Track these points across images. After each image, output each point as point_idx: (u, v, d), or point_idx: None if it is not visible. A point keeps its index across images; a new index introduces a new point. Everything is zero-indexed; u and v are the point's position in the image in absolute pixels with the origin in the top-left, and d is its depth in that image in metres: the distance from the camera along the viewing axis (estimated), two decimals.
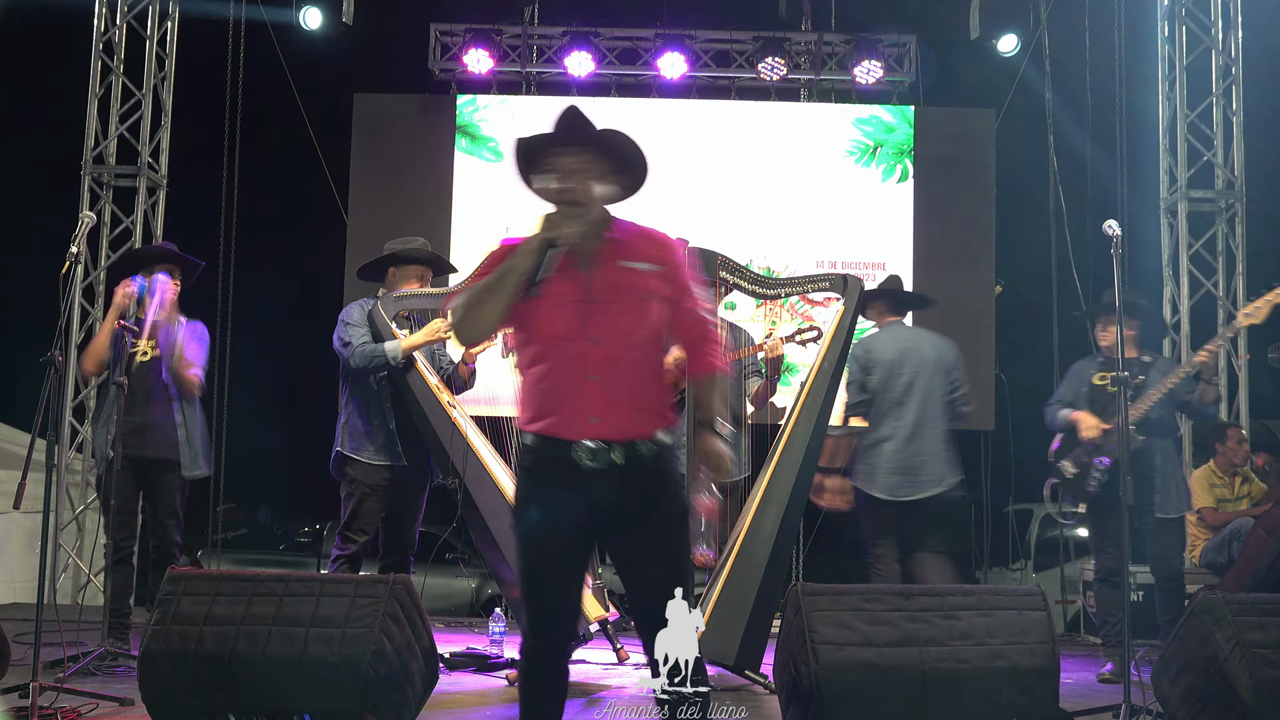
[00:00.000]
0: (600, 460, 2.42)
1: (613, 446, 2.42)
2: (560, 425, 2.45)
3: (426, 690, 3.42)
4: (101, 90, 7.65)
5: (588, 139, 2.49)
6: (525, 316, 2.48)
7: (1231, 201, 7.44)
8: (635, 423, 2.45)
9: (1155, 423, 4.85)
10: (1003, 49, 7.88)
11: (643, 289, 2.48)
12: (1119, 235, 3.76)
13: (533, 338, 2.49)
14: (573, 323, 2.44)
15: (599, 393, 2.42)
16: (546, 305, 2.45)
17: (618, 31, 8.32)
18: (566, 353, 2.44)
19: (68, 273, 3.77)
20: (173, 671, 3.15)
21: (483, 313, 2.46)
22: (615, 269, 2.47)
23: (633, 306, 2.47)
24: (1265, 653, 3.17)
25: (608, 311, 2.44)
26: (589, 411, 2.42)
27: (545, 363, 2.47)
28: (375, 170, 7.96)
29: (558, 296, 2.45)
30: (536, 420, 2.51)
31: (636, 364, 2.47)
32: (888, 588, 3.41)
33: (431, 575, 7.77)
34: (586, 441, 2.42)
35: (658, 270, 2.50)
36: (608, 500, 2.43)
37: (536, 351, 2.49)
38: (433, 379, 4.61)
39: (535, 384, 2.51)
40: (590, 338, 2.43)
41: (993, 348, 7.75)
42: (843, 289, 4.67)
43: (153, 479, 4.72)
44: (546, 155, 2.51)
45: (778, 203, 7.75)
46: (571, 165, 2.47)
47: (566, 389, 2.45)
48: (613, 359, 2.43)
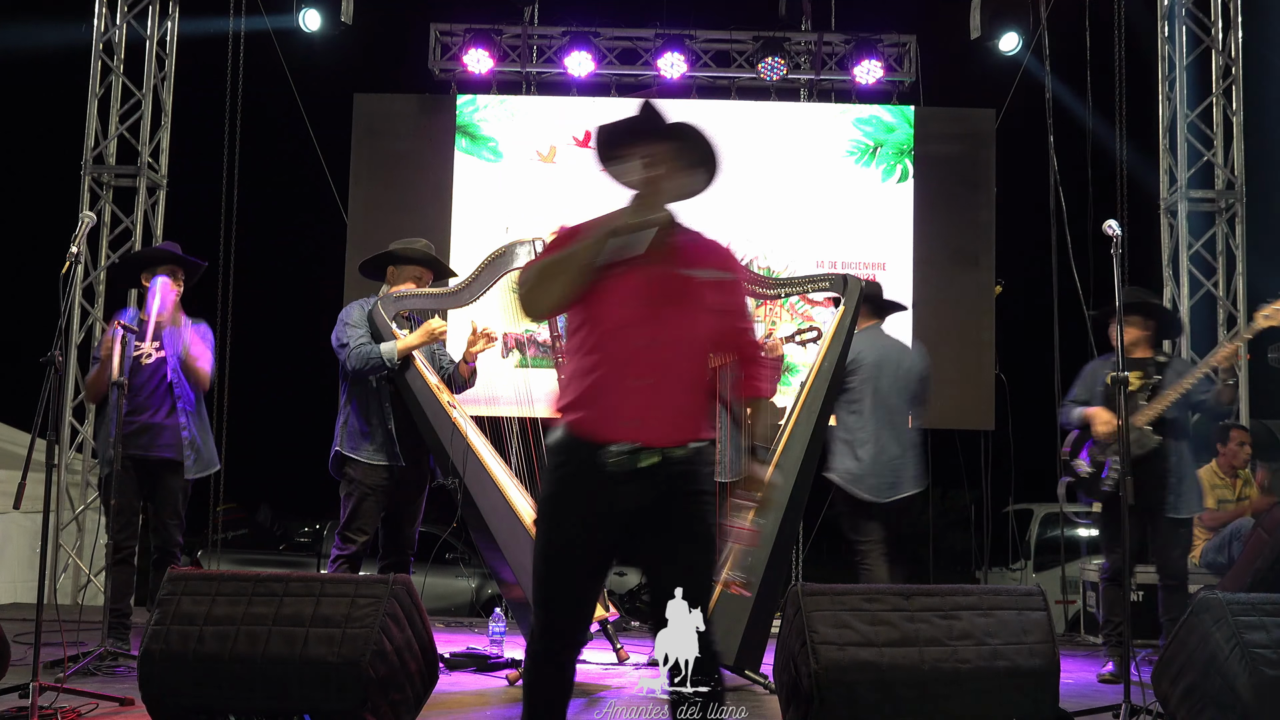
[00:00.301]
0: (628, 465, 2.35)
1: (644, 452, 2.36)
2: (595, 423, 2.39)
3: (426, 690, 3.42)
4: (101, 90, 7.65)
5: (671, 131, 2.45)
6: (587, 303, 2.43)
7: (1231, 201, 7.44)
8: (673, 432, 2.40)
9: (1170, 423, 4.86)
10: (1004, 47, 7.87)
11: (703, 298, 2.44)
12: (1119, 235, 3.76)
13: (588, 326, 2.44)
14: (630, 321, 2.39)
15: (642, 397, 2.36)
16: (608, 298, 2.40)
17: (618, 31, 8.32)
18: (618, 351, 2.39)
19: (68, 273, 3.77)
20: (173, 671, 3.16)
21: (549, 288, 2.39)
22: (679, 274, 2.44)
23: (691, 314, 2.43)
24: (1265, 653, 3.17)
25: (666, 316, 2.40)
26: (628, 415, 2.36)
27: (594, 355, 2.41)
28: (375, 170, 7.97)
29: (620, 292, 2.40)
30: (572, 411, 2.43)
31: (685, 373, 2.42)
32: (888, 588, 3.41)
33: (431, 575, 7.78)
34: (618, 445, 2.35)
35: (719, 282, 2.48)
36: (635, 505, 2.37)
37: (588, 341, 2.44)
38: (432, 379, 4.61)
39: (580, 374, 2.44)
40: (648, 340, 2.38)
41: (993, 348, 7.75)
42: (843, 289, 4.67)
43: (156, 479, 4.73)
44: (626, 144, 2.47)
45: (778, 203, 7.75)
46: (652, 156, 2.43)
47: (610, 387, 2.39)
48: (662, 364, 2.39)
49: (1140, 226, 7.75)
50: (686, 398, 2.42)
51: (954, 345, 7.73)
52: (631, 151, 2.45)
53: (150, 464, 4.70)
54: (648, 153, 2.44)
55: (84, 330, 7.52)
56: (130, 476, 4.64)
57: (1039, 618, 3.34)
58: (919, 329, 7.70)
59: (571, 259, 2.37)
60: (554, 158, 7.84)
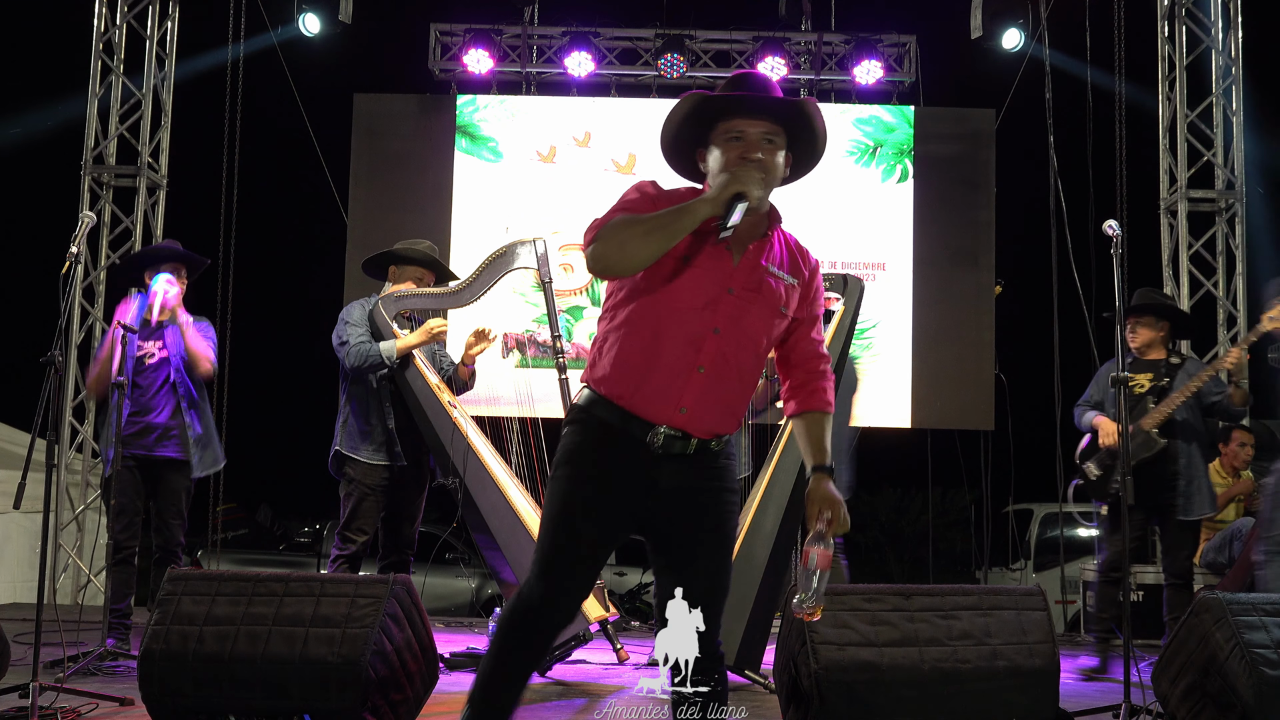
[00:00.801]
0: (674, 448, 2.25)
1: (689, 439, 2.26)
2: (645, 404, 2.25)
3: (427, 690, 3.42)
4: (101, 90, 7.65)
5: (785, 110, 2.31)
6: (658, 272, 2.26)
7: (1231, 201, 7.44)
8: (719, 425, 2.29)
9: (1180, 425, 4.86)
10: (1006, 44, 7.86)
11: (780, 299, 2.33)
12: (1119, 235, 3.76)
13: (646, 298, 2.27)
14: (704, 304, 2.25)
15: (700, 386, 2.25)
16: (680, 274, 2.25)
17: (618, 31, 8.33)
18: (683, 333, 2.25)
19: (68, 273, 3.77)
20: (173, 671, 3.15)
21: (642, 243, 2.19)
22: (762, 268, 2.31)
23: (766, 312, 2.31)
24: (1265, 653, 3.17)
25: (741, 308, 2.27)
26: (681, 401, 2.24)
27: (655, 331, 2.26)
28: (375, 170, 7.97)
29: (700, 270, 2.26)
30: (619, 386, 2.27)
31: (744, 370, 2.31)
32: (888, 588, 3.41)
33: (431, 575, 7.79)
34: (666, 429, 2.24)
35: (798, 286, 2.37)
36: (667, 485, 2.26)
37: (646, 315, 2.27)
38: (433, 378, 4.61)
39: (633, 348, 2.27)
40: (714, 327, 2.25)
41: (993, 348, 7.76)
42: (843, 289, 4.67)
43: (159, 479, 4.74)
44: (730, 118, 2.31)
45: (778, 203, 7.73)
46: (760, 134, 2.29)
47: (667, 369, 2.25)
48: (726, 357, 2.26)
49: (1140, 226, 7.75)
50: (739, 395, 2.32)
51: (954, 345, 7.74)
52: (746, 127, 2.29)
53: (153, 463, 4.71)
54: (770, 130, 2.29)
55: (84, 330, 7.52)
56: (133, 476, 4.65)
57: (1039, 618, 3.33)
58: (919, 329, 7.71)
59: (686, 217, 2.20)
60: (554, 158, 7.84)
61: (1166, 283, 7.50)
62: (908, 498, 25.87)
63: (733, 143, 2.30)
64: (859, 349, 7.50)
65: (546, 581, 2.25)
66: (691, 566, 2.28)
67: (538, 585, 2.26)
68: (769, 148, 2.30)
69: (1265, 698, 3.10)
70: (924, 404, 7.71)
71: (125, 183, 7.68)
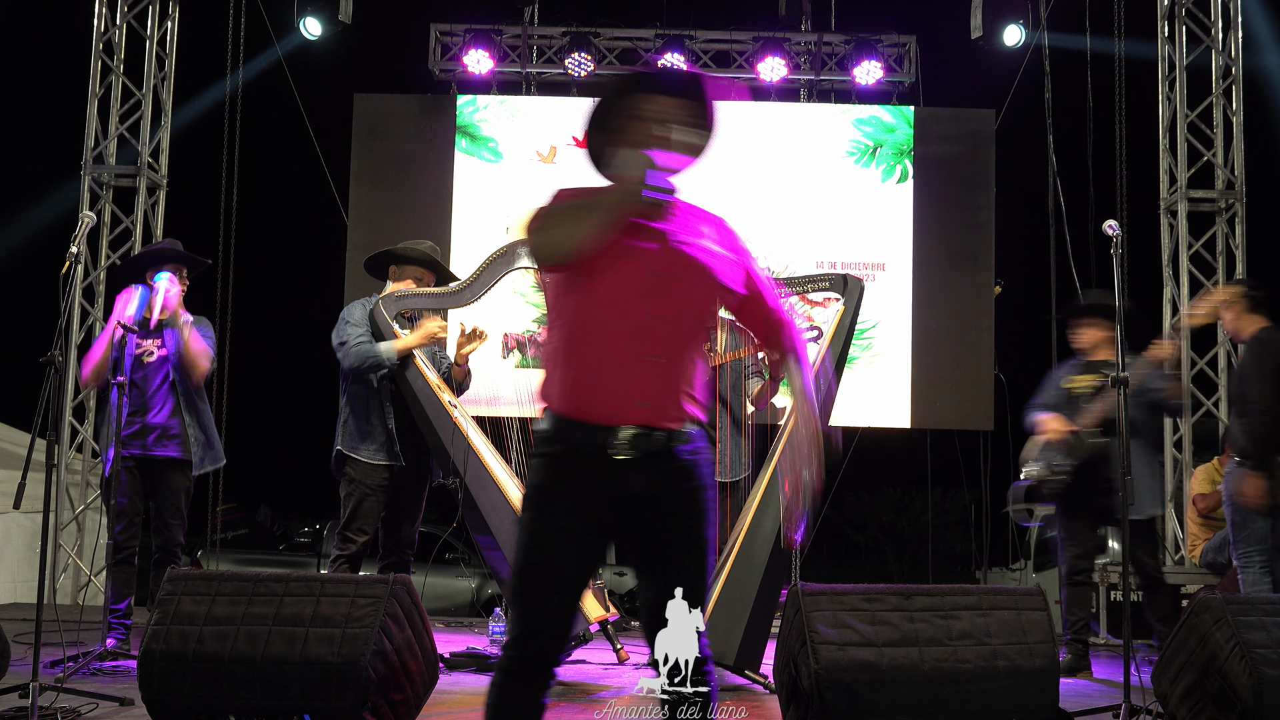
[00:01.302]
0: (641, 448, 2.15)
1: (655, 433, 2.16)
2: (599, 407, 2.16)
3: (427, 690, 3.42)
4: (101, 90, 7.65)
5: (687, 87, 2.28)
6: (575, 277, 2.20)
7: (1231, 201, 7.44)
8: (683, 411, 2.21)
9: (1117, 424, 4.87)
10: (1008, 41, 7.85)
11: (714, 273, 2.25)
12: (1119, 235, 3.77)
13: (579, 299, 2.21)
14: (634, 292, 2.18)
15: (655, 374, 2.16)
16: (604, 268, 2.18)
17: (618, 31, 8.33)
18: (620, 326, 2.17)
19: (68, 273, 3.77)
20: (173, 671, 3.15)
21: (573, 228, 2.14)
22: (679, 241, 2.24)
23: (695, 281, 2.24)
24: (1265, 653, 3.17)
25: (668, 286, 2.20)
26: (639, 395, 2.16)
27: (590, 332, 2.19)
28: (375, 170, 7.97)
29: (618, 262, 2.19)
30: (568, 397, 2.20)
31: (691, 347, 2.24)
32: (888, 588, 3.41)
33: (431, 575, 7.78)
34: (627, 429, 2.15)
35: (721, 251, 2.29)
36: (640, 492, 2.17)
37: (580, 318, 2.21)
38: (433, 378, 4.62)
39: (574, 356, 2.21)
40: (650, 312, 2.17)
41: (992, 348, 7.76)
42: (843, 289, 4.68)
43: (159, 479, 4.73)
44: (635, 98, 2.29)
45: (778, 203, 7.75)
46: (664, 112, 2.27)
47: (614, 366, 2.16)
48: (672, 338, 2.19)
49: (1140, 226, 7.76)
50: (693, 374, 2.24)
51: (954, 345, 7.74)
52: (641, 109, 2.28)
53: (152, 463, 4.70)
54: (660, 110, 2.27)
55: (84, 330, 7.52)
56: (132, 476, 4.65)
57: (1039, 618, 3.33)
58: (918, 329, 7.71)
59: (610, 202, 2.18)
60: (554, 158, 7.85)
61: (1166, 283, 7.50)
62: (908, 498, 25.91)
63: (657, 123, 2.28)
64: (859, 349, 7.51)
65: (524, 628, 2.20)
66: (668, 578, 2.22)
67: (517, 626, 2.21)
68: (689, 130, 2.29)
69: (1265, 698, 3.10)
70: (924, 404, 7.71)
71: (125, 183, 7.67)
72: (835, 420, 4.76)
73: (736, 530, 4.30)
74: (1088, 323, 5.05)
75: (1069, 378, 5.04)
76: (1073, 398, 4.96)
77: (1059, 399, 5.01)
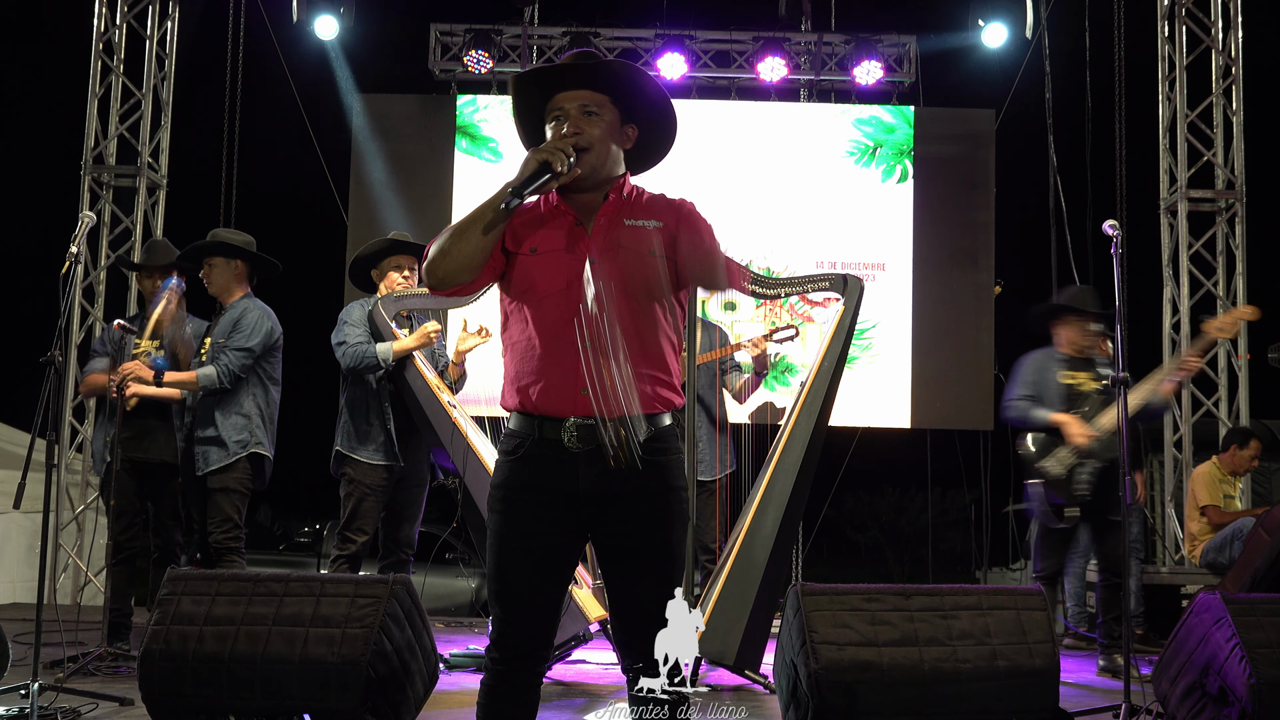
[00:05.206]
0: (589, 440, 2.14)
1: (605, 424, 2.13)
2: (546, 399, 2.16)
3: (426, 690, 3.42)
4: (101, 90, 7.65)
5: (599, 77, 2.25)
6: (515, 276, 2.23)
7: (1231, 201, 7.44)
8: (633, 398, 2.15)
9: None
10: (990, 42, 7.85)
11: (647, 245, 2.20)
12: (1119, 235, 3.77)
13: (522, 300, 2.21)
14: (567, 282, 2.17)
15: (592, 361, 2.13)
16: (539, 263, 2.20)
17: (617, 31, 8.32)
18: (558, 316, 2.16)
19: (67, 273, 3.77)
20: (173, 671, 3.16)
21: (461, 241, 2.18)
22: (618, 226, 2.23)
23: (635, 262, 2.19)
24: (1265, 653, 3.17)
25: (608, 270, 2.17)
26: (580, 382, 2.13)
27: (533, 328, 2.18)
28: (375, 170, 7.96)
29: (551, 253, 2.20)
30: (520, 393, 2.19)
31: (637, 331, 2.18)
32: (887, 587, 3.41)
33: (431, 575, 7.77)
34: (578, 419, 2.14)
35: (664, 226, 2.24)
36: (597, 490, 2.14)
37: (524, 316, 2.21)
38: (433, 378, 4.62)
39: (521, 353, 2.21)
40: (585, 299, 2.15)
41: (992, 348, 7.76)
42: (843, 289, 4.67)
43: (155, 481, 4.73)
44: (551, 98, 2.30)
45: (778, 203, 7.75)
46: (578, 107, 2.26)
47: (556, 357, 2.15)
48: (610, 324, 2.14)
49: (1140, 226, 7.76)
50: (643, 358, 2.18)
51: (953, 345, 7.74)
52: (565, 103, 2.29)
53: (148, 466, 4.70)
54: (591, 100, 2.27)
55: (84, 330, 7.52)
56: (130, 479, 4.64)
57: (1039, 618, 3.33)
58: (918, 329, 7.71)
59: (484, 208, 2.21)
60: None
61: (1166, 283, 7.50)
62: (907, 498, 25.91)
63: (555, 122, 2.30)
64: (859, 349, 7.51)
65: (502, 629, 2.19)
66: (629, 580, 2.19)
67: (496, 629, 2.20)
68: (590, 119, 2.26)
69: (1265, 698, 3.10)
70: (923, 404, 7.71)
71: (125, 183, 7.67)
72: (836, 420, 4.76)
73: (736, 530, 4.30)
74: (1072, 319, 5.03)
75: (1065, 373, 5.01)
76: (1074, 394, 4.95)
77: (1058, 395, 4.99)
